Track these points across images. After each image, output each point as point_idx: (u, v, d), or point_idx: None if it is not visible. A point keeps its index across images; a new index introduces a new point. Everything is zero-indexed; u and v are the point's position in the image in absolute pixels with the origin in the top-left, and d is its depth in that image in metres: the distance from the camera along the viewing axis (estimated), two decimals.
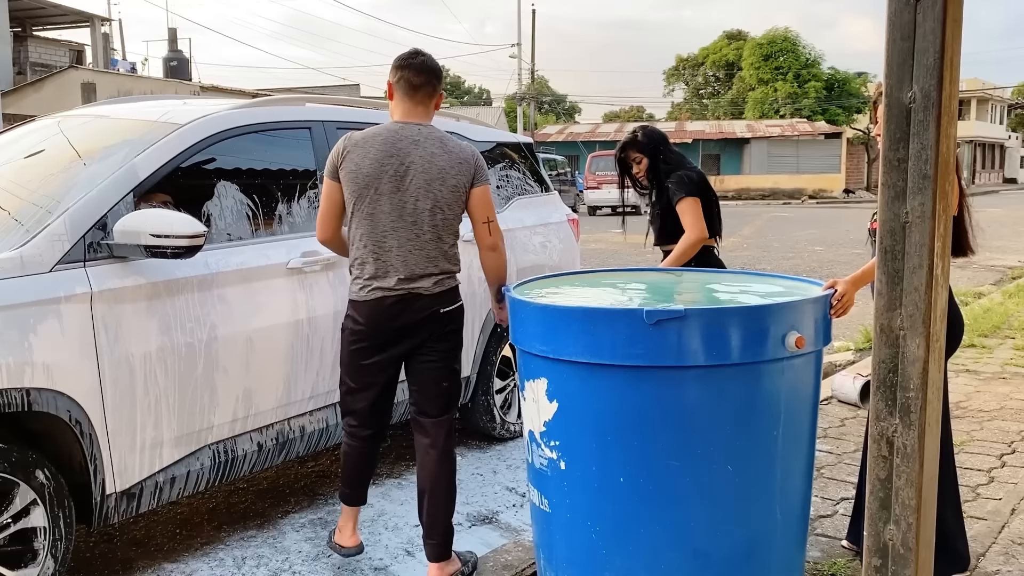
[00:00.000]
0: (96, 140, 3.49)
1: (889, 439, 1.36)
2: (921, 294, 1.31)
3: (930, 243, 1.31)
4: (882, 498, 1.37)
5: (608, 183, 27.94)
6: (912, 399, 1.34)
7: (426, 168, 2.92)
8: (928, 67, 1.27)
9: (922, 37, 1.27)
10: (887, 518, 1.36)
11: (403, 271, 2.94)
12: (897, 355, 1.34)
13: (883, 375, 1.37)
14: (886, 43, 1.30)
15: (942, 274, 1.34)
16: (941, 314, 1.35)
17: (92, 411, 2.83)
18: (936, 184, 1.29)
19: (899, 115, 1.31)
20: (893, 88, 1.32)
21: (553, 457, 2.60)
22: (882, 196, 1.35)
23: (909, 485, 1.34)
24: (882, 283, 1.36)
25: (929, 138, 1.29)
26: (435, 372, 3.08)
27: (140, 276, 2.99)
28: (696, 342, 2.38)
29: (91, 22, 25.32)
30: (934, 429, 1.37)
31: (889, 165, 1.35)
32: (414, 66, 2.99)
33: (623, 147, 4.12)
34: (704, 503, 2.46)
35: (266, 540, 3.57)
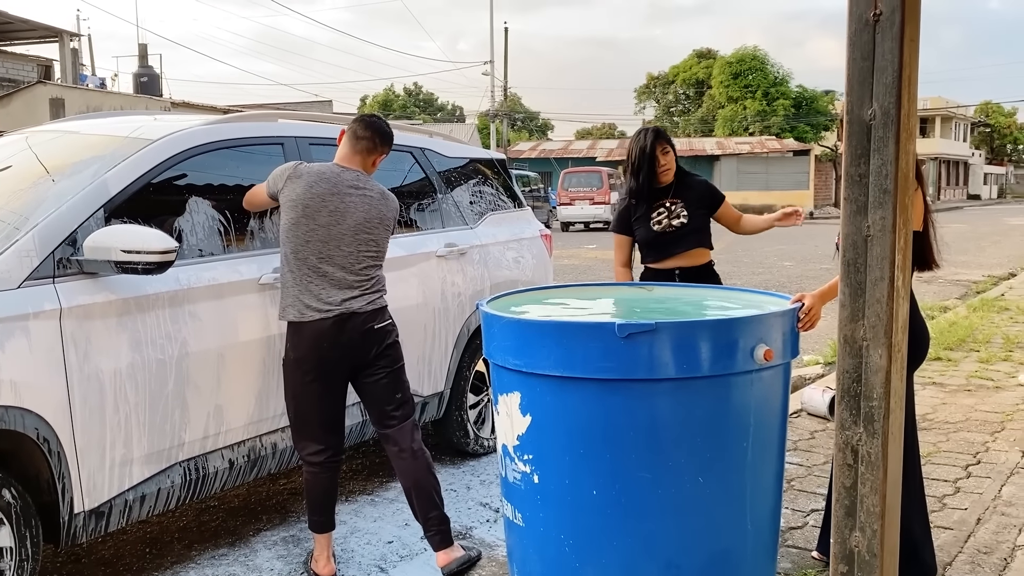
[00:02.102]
0: (65, 156, 3.46)
1: (854, 447, 1.39)
2: (883, 305, 1.35)
3: (891, 256, 1.35)
4: (848, 505, 1.40)
5: (581, 199, 28.12)
6: (875, 408, 1.37)
7: (367, 210, 3.20)
8: (887, 85, 1.31)
9: (881, 56, 1.32)
10: (853, 525, 1.39)
11: (338, 294, 3.14)
12: (860, 365, 1.38)
13: (847, 385, 1.40)
14: (847, 62, 1.35)
15: (903, 286, 1.38)
16: (903, 325, 1.39)
17: (60, 429, 2.80)
18: (896, 198, 1.33)
19: (860, 132, 1.35)
20: (854, 106, 1.37)
21: (527, 471, 2.61)
22: (844, 210, 1.39)
23: (874, 492, 1.37)
24: (845, 295, 1.40)
25: (889, 154, 1.33)
26: (386, 387, 3.29)
27: (110, 292, 2.97)
28: (667, 355, 2.42)
29: (60, 37, 25.10)
30: (897, 437, 1.40)
31: (851, 180, 1.38)
32: (365, 122, 3.32)
33: (656, 136, 3.85)
34: (676, 515, 2.48)
35: (238, 558, 3.54)
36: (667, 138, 3.89)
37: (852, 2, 1.34)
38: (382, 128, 3.32)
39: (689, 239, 3.87)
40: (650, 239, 3.90)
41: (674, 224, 3.86)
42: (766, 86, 46.70)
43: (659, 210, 3.88)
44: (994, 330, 8.21)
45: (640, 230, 3.93)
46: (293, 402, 3.25)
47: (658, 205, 3.89)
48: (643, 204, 3.91)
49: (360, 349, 3.21)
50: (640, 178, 3.86)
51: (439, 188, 4.66)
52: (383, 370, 3.28)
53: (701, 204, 3.92)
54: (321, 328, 3.12)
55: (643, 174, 3.84)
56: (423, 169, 4.62)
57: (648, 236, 3.89)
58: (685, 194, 3.90)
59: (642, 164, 3.83)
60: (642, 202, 3.91)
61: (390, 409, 3.31)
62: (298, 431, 3.28)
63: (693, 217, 3.87)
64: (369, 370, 3.26)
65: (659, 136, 3.87)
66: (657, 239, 3.88)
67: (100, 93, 22.67)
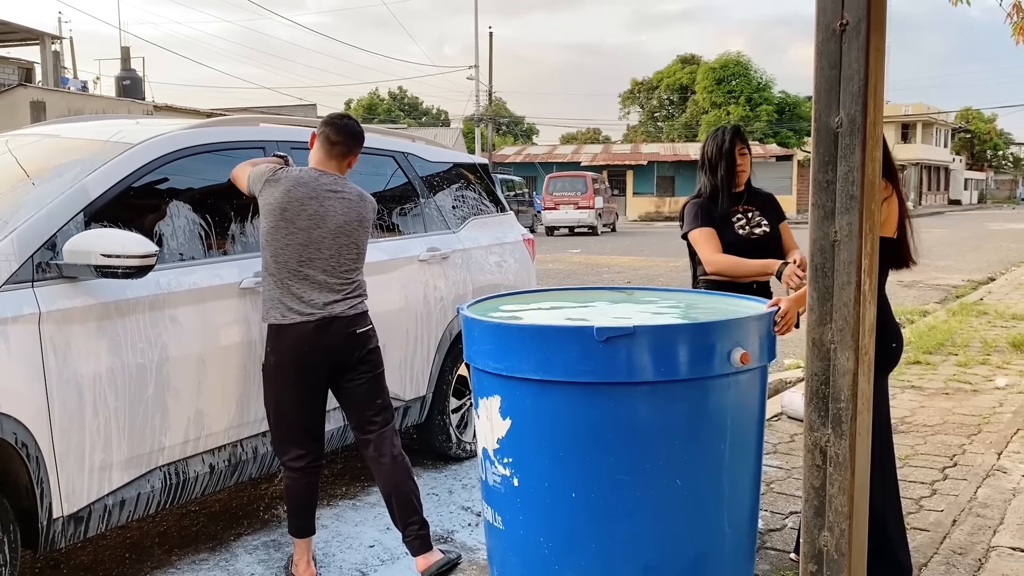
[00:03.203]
0: (45, 159, 3.45)
1: (822, 449, 1.42)
2: (850, 309, 1.37)
3: (858, 260, 1.37)
4: (816, 506, 1.42)
5: (566, 204, 28.19)
6: (843, 410, 1.40)
7: (346, 212, 3.21)
8: (853, 94, 1.34)
9: (847, 66, 1.34)
10: (821, 525, 1.42)
11: (320, 298, 3.14)
12: (828, 368, 1.40)
13: (815, 387, 1.42)
14: (814, 71, 1.37)
15: (870, 290, 1.41)
16: (870, 328, 1.41)
17: (39, 433, 2.78)
18: (863, 204, 1.36)
19: (827, 139, 1.38)
20: (821, 113, 1.39)
21: (506, 474, 2.63)
22: (812, 216, 1.42)
23: (842, 493, 1.39)
24: (813, 299, 1.43)
25: (855, 161, 1.35)
26: (367, 393, 3.30)
27: (90, 296, 2.96)
28: (645, 358, 2.44)
29: (41, 40, 24.91)
30: (864, 438, 1.43)
31: (818, 186, 1.41)
32: (336, 126, 3.29)
33: (735, 133, 3.60)
34: (654, 518, 2.50)
35: (218, 563, 3.53)
36: (745, 139, 3.61)
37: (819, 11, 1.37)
38: (353, 129, 3.32)
39: (768, 250, 3.53)
40: (733, 244, 3.52)
41: (756, 232, 3.55)
42: (749, 92, 47.00)
43: (737, 215, 3.57)
44: (972, 334, 8.30)
45: (723, 233, 3.55)
46: (273, 407, 3.25)
47: (735, 210, 3.58)
48: (721, 206, 3.57)
49: (341, 353, 3.21)
50: (719, 177, 3.57)
51: (421, 192, 4.67)
52: (364, 375, 3.28)
53: (775, 212, 3.67)
54: (302, 331, 3.13)
55: (722, 173, 3.56)
56: (405, 174, 4.63)
57: (732, 240, 3.53)
58: (757, 203, 3.64)
59: (719, 162, 3.56)
60: (721, 204, 3.58)
61: (370, 415, 3.31)
62: (278, 436, 3.28)
63: (772, 225, 3.60)
64: (350, 375, 3.27)
65: (738, 135, 3.59)
66: (741, 245, 3.53)
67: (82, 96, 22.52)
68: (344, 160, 3.31)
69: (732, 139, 3.58)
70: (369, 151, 4.44)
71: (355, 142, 3.32)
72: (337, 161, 3.29)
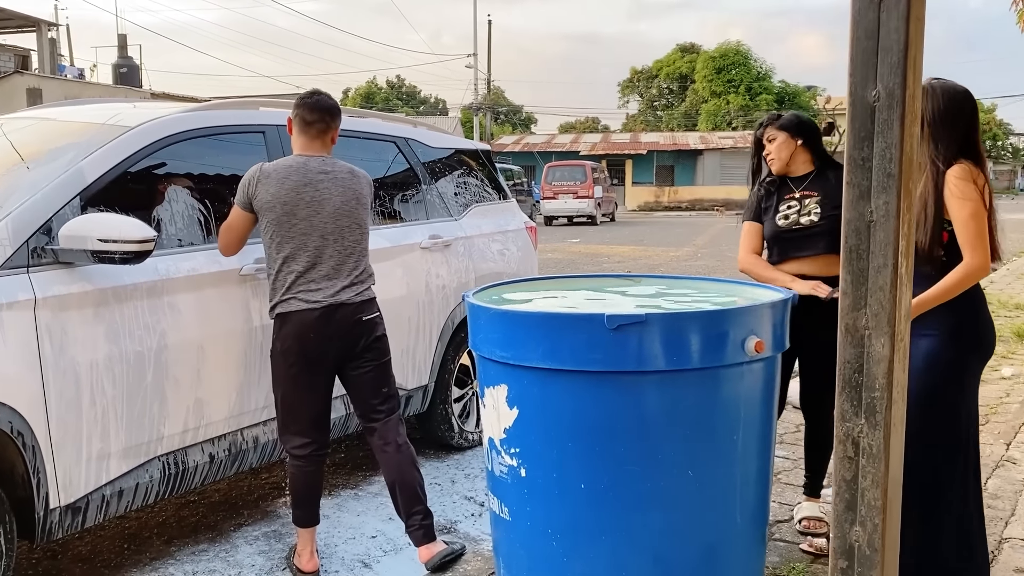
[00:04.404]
0: (41, 143, 3.38)
1: (855, 440, 1.36)
2: (886, 293, 1.31)
3: (895, 242, 1.31)
4: (848, 499, 1.37)
5: (564, 193, 28.09)
6: (877, 399, 1.34)
7: (342, 192, 3.14)
8: (892, 65, 1.28)
9: (886, 36, 1.28)
10: (853, 519, 1.36)
11: (327, 285, 3.09)
12: (862, 355, 1.34)
13: (848, 375, 1.36)
14: (850, 41, 1.31)
15: (906, 273, 1.35)
16: (905, 314, 1.35)
17: (35, 422, 2.72)
18: (900, 183, 1.30)
19: (863, 114, 1.31)
20: (857, 87, 1.33)
21: (513, 464, 2.57)
22: (846, 195, 1.35)
23: (875, 486, 1.33)
24: (847, 283, 1.36)
25: (893, 137, 1.29)
26: (374, 380, 3.24)
27: (87, 282, 2.90)
28: (656, 347, 2.38)
29: (37, 27, 24.77)
30: (899, 429, 1.37)
31: (853, 164, 1.35)
32: (308, 104, 3.19)
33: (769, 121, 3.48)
34: (665, 509, 2.45)
35: (218, 554, 3.47)
36: (780, 123, 3.41)
37: None
38: (326, 103, 3.22)
39: (816, 241, 3.27)
40: (772, 235, 3.39)
41: (802, 221, 3.30)
42: (749, 81, 46.90)
43: (789, 203, 3.37)
44: None
45: (766, 223, 3.42)
46: (279, 394, 3.19)
47: (789, 197, 3.38)
48: (773, 194, 3.44)
49: (348, 340, 3.15)
50: (753, 165, 3.54)
51: (423, 179, 4.60)
52: (370, 363, 3.23)
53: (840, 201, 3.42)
54: (308, 319, 3.07)
55: (753, 161, 3.52)
56: (407, 160, 4.56)
57: (771, 231, 3.39)
58: (822, 187, 3.34)
59: (754, 151, 3.52)
60: (771, 192, 3.45)
61: (376, 403, 3.26)
62: (284, 424, 3.22)
63: (827, 215, 3.25)
64: (356, 362, 3.21)
65: (770, 121, 3.46)
66: (779, 235, 3.36)
67: (79, 83, 22.40)
68: (326, 136, 3.22)
69: (762, 125, 3.51)
70: (369, 136, 4.38)
71: (331, 116, 3.23)
72: (320, 140, 3.20)
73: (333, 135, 3.26)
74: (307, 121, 3.18)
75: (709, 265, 14.45)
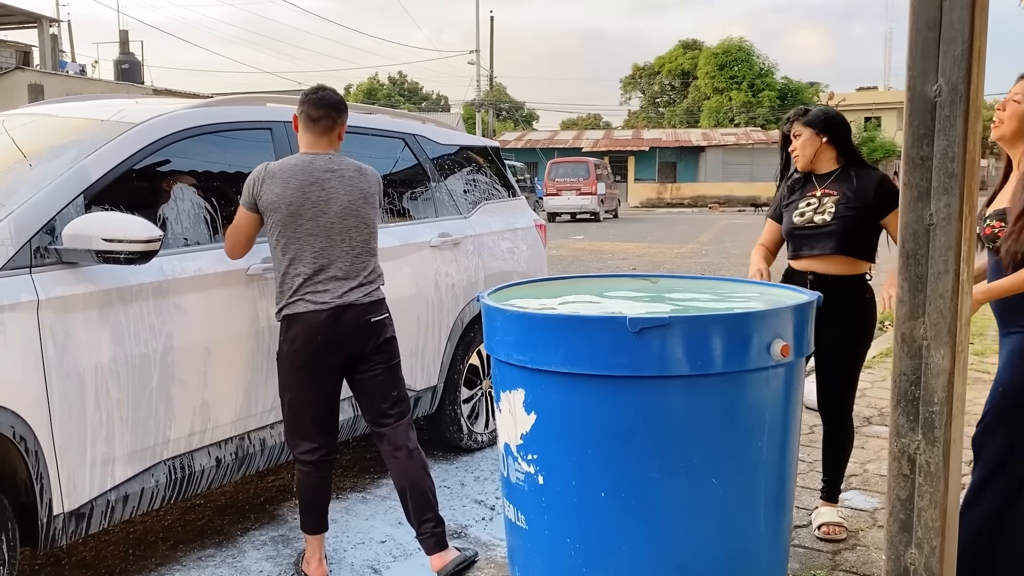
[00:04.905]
0: (44, 140, 3.31)
1: (911, 456, 1.28)
2: (947, 301, 1.24)
3: (956, 247, 1.23)
4: (902, 520, 1.29)
5: (568, 190, 28.00)
6: (936, 414, 1.26)
7: (349, 190, 3.07)
8: (956, 58, 1.20)
9: (948, 26, 1.20)
10: (908, 541, 1.29)
11: (335, 286, 3.01)
12: (920, 367, 1.27)
13: (904, 388, 1.29)
14: (909, 32, 1.23)
15: (968, 280, 1.27)
16: (966, 322, 1.28)
17: (38, 427, 2.65)
18: (963, 184, 1.22)
19: (923, 110, 1.23)
20: (916, 81, 1.25)
21: (531, 471, 2.50)
22: (904, 197, 1.28)
23: (933, 506, 1.26)
24: (904, 290, 1.28)
25: (956, 134, 1.21)
26: (383, 384, 3.16)
27: (91, 283, 2.82)
28: (680, 351, 2.30)
29: (39, 23, 24.67)
30: (958, 445, 1.30)
31: (912, 164, 1.27)
32: (313, 101, 3.11)
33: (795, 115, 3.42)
34: (688, 517, 2.37)
35: (225, 559, 3.40)
36: (806, 119, 3.34)
37: None
38: (331, 99, 3.13)
39: (825, 240, 3.22)
40: (787, 230, 3.37)
41: (815, 220, 3.25)
42: (751, 77, 46.72)
43: (809, 200, 3.31)
44: (987, 322, 8.16)
45: (784, 218, 3.40)
46: (286, 398, 3.12)
47: (811, 194, 3.32)
48: (797, 191, 3.40)
49: (356, 342, 3.07)
50: (781, 160, 3.50)
51: (432, 176, 4.53)
52: (380, 366, 3.15)
53: (859, 201, 3.19)
54: (316, 320, 2.99)
55: (782, 156, 3.49)
56: (415, 156, 4.48)
57: (787, 226, 3.36)
58: (842, 186, 3.26)
59: (781, 146, 3.50)
60: (795, 188, 3.42)
61: (386, 407, 3.18)
62: (291, 428, 3.14)
63: (841, 215, 3.20)
64: (365, 365, 3.13)
65: (796, 116, 3.39)
66: (793, 232, 3.33)
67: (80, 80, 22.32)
68: (333, 133, 3.13)
69: (789, 119, 3.44)
70: (377, 133, 4.31)
71: (337, 112, 3.14)
72: (327, 137, 3.12)
73: (340, 131, 3.17)
74: (312, 118, 3.10)
75: (714, 262, 14.36)
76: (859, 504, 3.77)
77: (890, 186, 3.24)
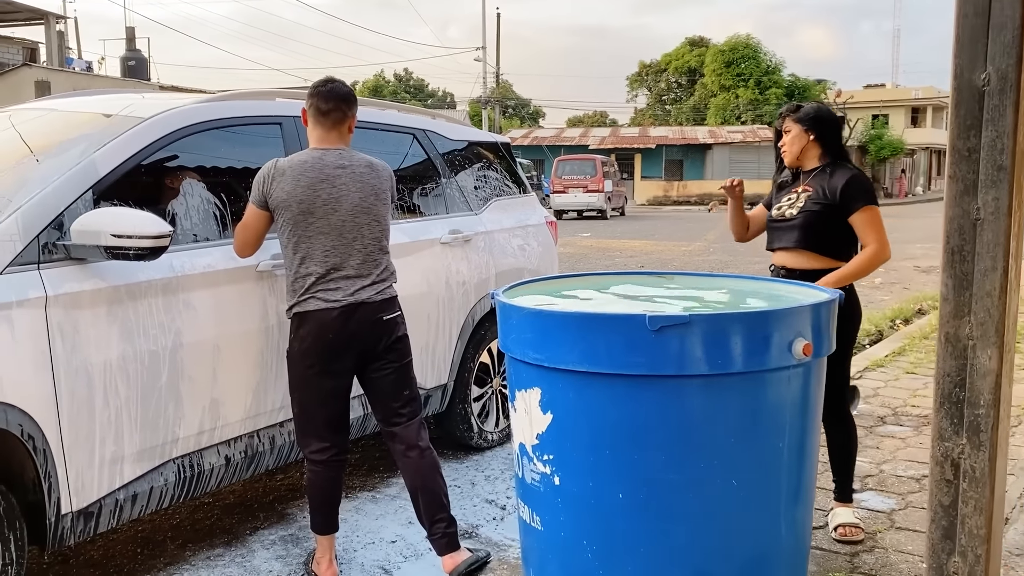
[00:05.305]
0: (51, 134, 3.27)
1: (955, 461, 1.23)
2: (994, 300, 1.18)
3: (1005, 243, 1.18)
4: (945, 527, 1.24)
5: (575, 187, 27.93)
6: (982, 417, 1.21)
7: (360, 187, 3.01)
8: (1005, 45, 1.14)
9: (999, 12, 1.14)
10: (951, 549, 1.23)
11: (346, 284, 2.97)
12: (965, 368, 1.21)
13: (948, 390, 1.23)
14: (955, 19, 1.18)
15: (1016, 277, 1.22)
16: (1014, 322, 1.23)
17: (46, 425, 2.62)
18: (1013, 176, 1.17)
19: (970, 99, 1.18)
20: (963, 69, 1.19)
21: (546, 472, 2.45)
22: (949, 190, 1.22)
23: (978, 512, 1.21)
24: (948, 287, 1.23)
25: (1006, 125, 1.16)
26: (394, 383, 3.12)
27: (100, 279, 2.79)
28: (700, 350, 2.26)
29: (45, 19, 24.70)
30: (1004, 450, 1.25)
31: (958, 155, 1.21)
32: (322, 94, 3.04)
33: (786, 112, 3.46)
34: (707, 520, 2.33)
35: (234, 559, 3.37)
36: (797, 115, 3.39)
37: None
38: (341, 91, 3.06)
39: (790, 234, 3.32)
40: (767, 223, 3.49)
41: (786, 214, 3.35)
42: (759, 75, 46.57)
43: (791, 195, 3.40)
44: None
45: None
46: (297, 396, 3.07)
47: (794, 190, 3.41)
48: (788, 186, 3.48)
49: (367, 341, 3.03)
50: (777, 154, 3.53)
51: (442, 172, 4.48)
52: (391, 364, 3.10)
53: (826, 198, 3.26)
54: (327, 318, 2.94)
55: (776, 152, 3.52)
56: (425, 152, 4.43)
57: (768, 219, 3.48)
58: (820, 183, 3.31)
59: (775, 140, 3.52)
60: (786, 184, 3.50)
61: (397, 406, 3.14)
62: (302, 427, 3.10)
63: (806, 210, 3.28)
64: (376, 364, 3.09)
65: (788, 112, 3.44)
66: (769, 224, 3.46)
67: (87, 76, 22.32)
68: (343, 126, 3.07)
69: (780, 115, 3.49)
70: (387, 128, 4.26)
71: (348, 104, 3.08)
72: (337, 131, 3.06)
73: (350, 124, 3.12)
74: (322, 111, 3.04)
75: (722, 260, 14.29)
76: (876, 505, 3.71)
77: (857, 185, 3.28)
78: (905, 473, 4.09)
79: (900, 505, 3.71)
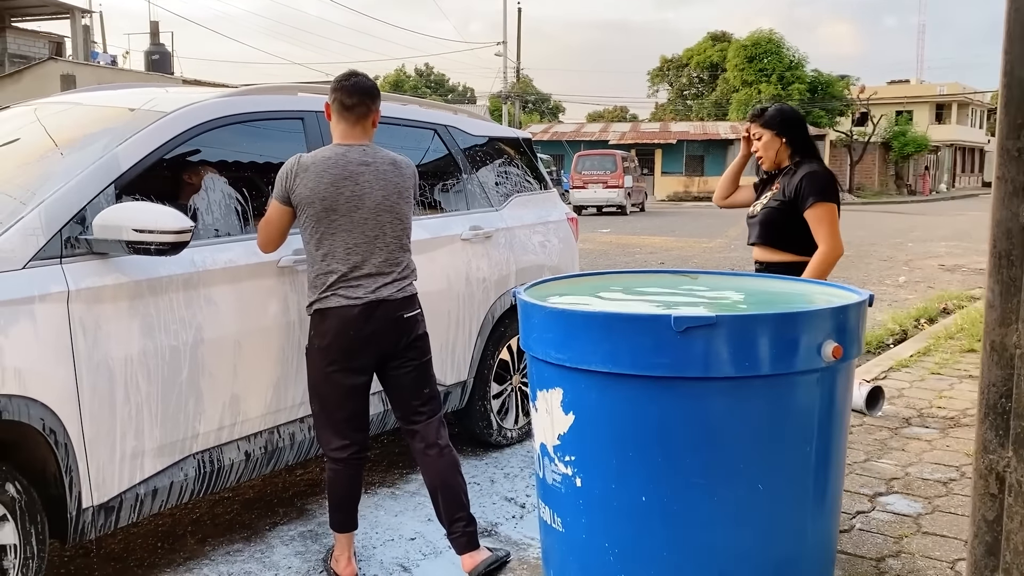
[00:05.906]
0: (75, 128, 3.27)
1: (999, 474, 1.19)
2: None
3: None
4: (989, 543, 1.20)
5: (594, 183, 27.82)
6: None
7: (383, 185, 2.99)
8: None
9: None
10: (995, 566, 1.19)
11: (368, 281, 2.95)
12: (1012, 377, 1.17)
13: (994, 400, 1.19)
14: (1006, 13, 1.13)
15: None
16: None
17: (68, 419, 2.62)
18: None
19: (1020, 97, 1.13)
20: (1014, 65, 1.14)
21: (568, 473, 2.42)
22: (997, 192, 1.18)
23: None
24: (994, 293, 1.19)
25: None
26: (414, 381, 3.11)
27: (121, 274, 2.78)
28: (726, 351, 2.21)
29: (71, 14, 24.87)
30: None
31: (1006, 156, 1.17)
32: (346, 88, 3.01)
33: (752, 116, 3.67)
34: (732, 524, 2.29)
35: (253, 555, 3.36)
36: (764, 121, 3.58)
37: None
38: (365, 85, 3.03)
39: (754, 231, 3.64)
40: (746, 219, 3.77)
41: (756, 211, 3.64)
42: (781, 70, 46.08)
43: (765, 193, 3.64)
44: None
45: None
46: (316, 394, 3.06)
47: (769, 188, 3.65)
48: (767, 184, 3.70)
49: (388, 338, 3.01)
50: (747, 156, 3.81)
51: (464, 168, 4.45)
52: (411, 362, 3.08)
53: (785, 195, 3.50)
54: (348, 315, 2.92)
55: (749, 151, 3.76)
56: (447, 147, 4.40)
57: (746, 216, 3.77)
58: (784, 180, 3.54)
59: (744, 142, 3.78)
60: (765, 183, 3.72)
61: (417, 404, 3.12)
62: (321, 425, 3.09)
63: (766, 207, 3.57)
64: (397, 361, 3.07)
65: (754, 118, 3.64)
66: (747, 221, 3.74)
67: (111, 70, 22.46)
68: (367, 121, 3.03)
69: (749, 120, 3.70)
70: (408, 123, 4.24)
71: (372, 99, 3.04)
72: (361, 126, 3.02)
73: (374, 119, 3.09)
74: (346, 105, 3.01)
75: (744, 257, 14.17)
76: (902, 509, 3.65)
77: (811, 182, 3.42)
78: (932, 476, 4.02)
79: (927, 509, 3.65)
